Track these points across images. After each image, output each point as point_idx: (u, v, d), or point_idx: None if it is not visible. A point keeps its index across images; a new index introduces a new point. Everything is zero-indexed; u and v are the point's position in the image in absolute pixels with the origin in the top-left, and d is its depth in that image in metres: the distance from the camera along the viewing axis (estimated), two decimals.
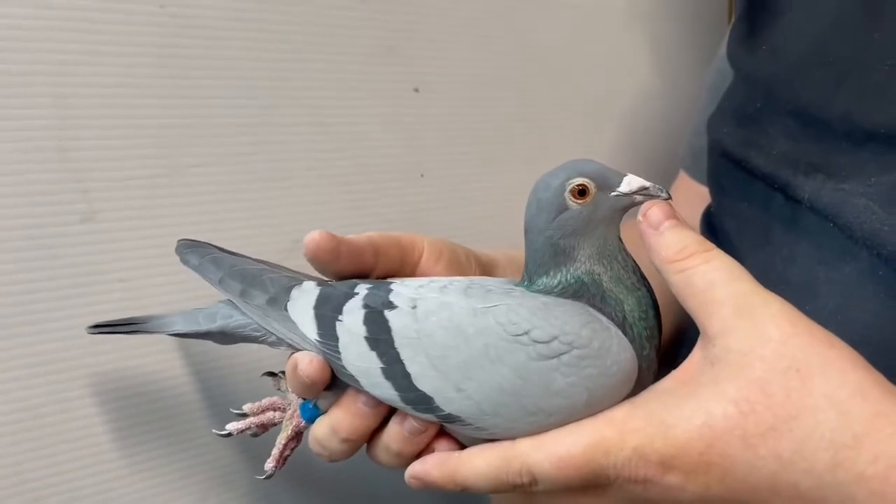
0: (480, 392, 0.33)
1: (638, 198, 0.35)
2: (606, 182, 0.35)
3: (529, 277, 0.36)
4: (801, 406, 0.30)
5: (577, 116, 0.66)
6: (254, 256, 0.41)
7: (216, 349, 0.44)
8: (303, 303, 0.37)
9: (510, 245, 0.61)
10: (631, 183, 0.34)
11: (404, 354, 0.35)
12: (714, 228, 0.50)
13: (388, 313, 0.35)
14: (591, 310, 0.35)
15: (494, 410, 0.34)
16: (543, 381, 0.33)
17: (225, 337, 0.40)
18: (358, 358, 0.35)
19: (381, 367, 0.35)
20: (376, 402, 0.36)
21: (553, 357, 0.33)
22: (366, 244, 0.38)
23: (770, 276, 0.41)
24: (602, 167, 0.35)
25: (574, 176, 0.35)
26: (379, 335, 0.35)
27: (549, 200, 0.35)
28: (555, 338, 0.33)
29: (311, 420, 0.39)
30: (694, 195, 0.58)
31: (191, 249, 0.40)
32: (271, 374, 0.42)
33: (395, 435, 0.36)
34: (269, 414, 0.40)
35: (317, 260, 0.37)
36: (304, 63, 0.51)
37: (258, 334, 0.38)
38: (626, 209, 0.35)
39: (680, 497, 0.32)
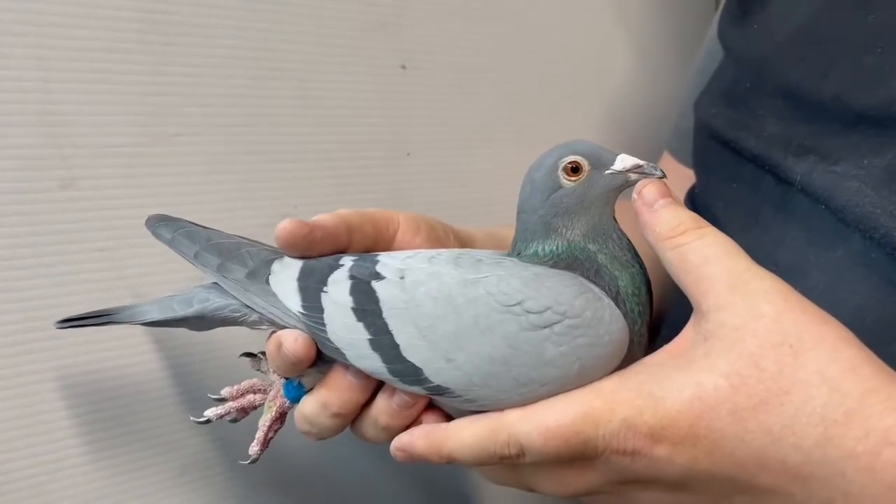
0: (470, 363, 0.33)
1: (632, 176, 0.35)
2: (600, 160, 0.35)
3: (518, 252, 0.36)
4: (793, 381, 0.30)
5: (564, 97, 0.66)
6: (233, 231, 0.40)
7: (186, 336, 0.43)
8: (285, 276, 0.37)
9: (496, 223, 0.61)
10: (625, 161, 0.35)
11: (392, 325, 0.34)
12: (699, 210, 0.49)
13: (375, 284, 0.35)
14: (583, 280, 0.35)
15: (484, 381, 0.33)
16: (535, 351, 0.33)
17: (202, 322, 0.38)
18: (344, 329, 0.35)
19: (369, 339, 0.34)
20: (366, 374, 0.36)
21: (545, 327, 0.33)
22: (338, 224, 0.38)
23: (758, 258, 0.41)
24: (595, 146, 0.35)
25: (567, 154, 0.35)
26: (366, 306, 0.35)
27: (542, 179, 0.35)
28: (548, 308, 0.33)
29: (295, 399, 0.38)
30: (678, 177, 0.58)
31: (163, 223, 0.39)
32: (249, 354, 0.41)
33: (383, 409, 0.36)
34: (250, 397, 0.39)
35: (291, 248, 0.37)
36: (293, 35, 0.50)
37: (238, 315, 0.37)
38: (620, 188, 0.35)
39: (666, 470, 0.32)
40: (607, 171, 0.35)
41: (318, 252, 0.37)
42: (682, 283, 0.33)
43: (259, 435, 0.38)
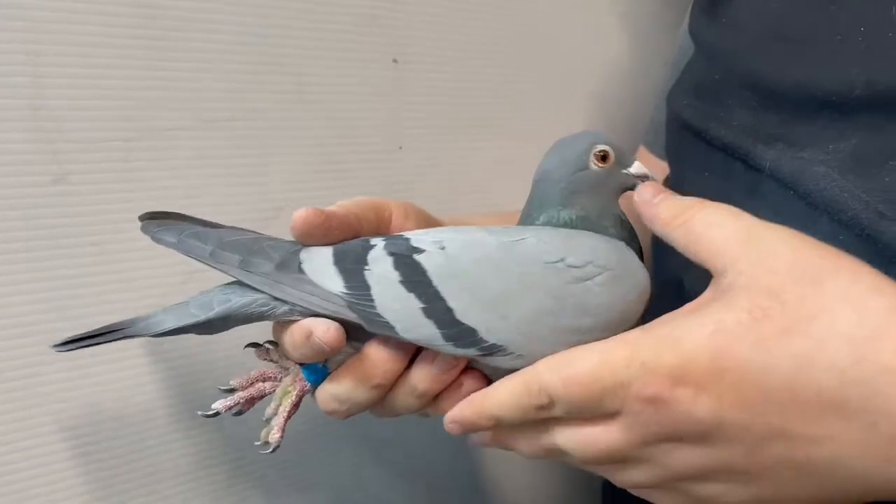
0: (521, 319, 0.34)
1: (639, 182, 0.38)
2: (623, 158, 0.39)
3: (532, 219, 0.39)
4: (817, 307, 0.29)
5: (556, 91, 0.67)
6: (228, 224, 0.40)
7: (181, 339, 0.43)
8: (318, 262, 0.37)
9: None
10: (639, 168, 0.39)
11: (444, 291, 0.35)
12: None
13: (417, 257, 0.36)
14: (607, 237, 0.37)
15: (535, 335, 0.35)
16: (580, 302, 0.35)
17: (225, 322, 0.37)
18: (395, 301, 0.35)
19: (422, 307, 0.35)
20: (403, 345, 0.36)
21: (588, 279, 0.35)
22: (349, 212, 0.39)
23: None
24: (622, 145, 0.39)
25: (601, 143, 0.39)
26: (414, 277, 0.35)
27: (573, 156, 0.39)
28: (589, 262, 0.35)
29: (317, 382, 0.38)
30: (654, 170, 0.59)
31: (162, 227, 0.38)
32: (255, 344, 0.41)
33: (424, 374, 0.36)
34: (259, 385, 0.39)
35: (308, 236, 0.37)
36: (285, 29, 0.50)
37: (265, 309, 0.37)
38: (628, 189, 0.39)
39: (693, 416, 0.30)
40: (624, 171, 0.39)
41: (332, 239, 0.38)
42: (694, 254, 0.33)
43: (279, 421, 0.38)
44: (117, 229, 0.45)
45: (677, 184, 0.50)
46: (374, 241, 0.38)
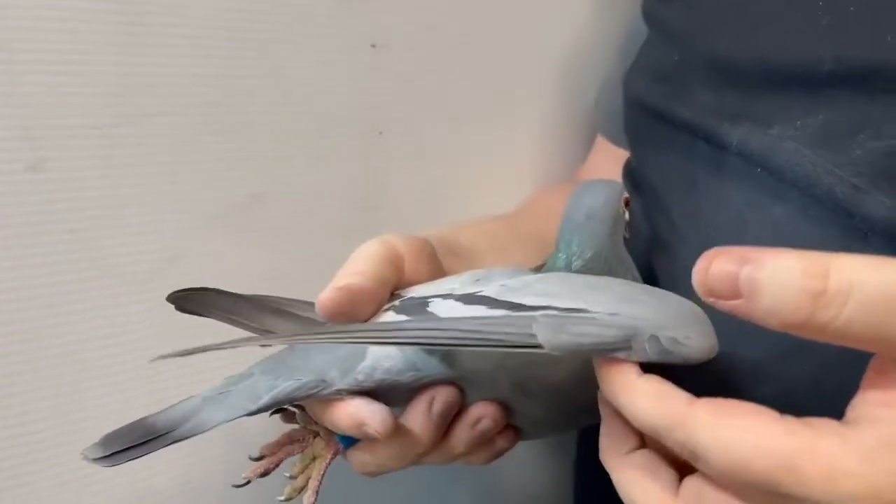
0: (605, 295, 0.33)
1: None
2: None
3: (562, 251, 0.40)
4: None
5: (533, 80, 0.67)
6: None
7: None
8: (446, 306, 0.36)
9: (468, 202, 0.62)
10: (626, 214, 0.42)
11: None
12: (637, 182, 0.50)
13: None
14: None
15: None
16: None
17: (270, 407, 0.35)
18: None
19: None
20: (445, 413, 0.35)
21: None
22: (375, 284, 0.36)
23: (699, 221, 0.42)
24: None
25: (624, 191, 0.42)
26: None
27: (614, 201, 0.41)
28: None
29: (350, 444, 0.37)
30: (612, 159, 0.59)
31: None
32: (280, 411, 0.39)
33: (463, 438, 0.36)
34: (288, 448, 0.38)
35: (338, 317, 0.35)
36: (262, 14, 0.50)
37: (314, 391, 0.34)
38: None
39: None
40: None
41: (362, 317, 0.36)
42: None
43: (314, 484, 0.37)
44: (95, 216, 0.45)
45: (640, 167, 0.50)
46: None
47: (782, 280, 0.25)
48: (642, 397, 0.29)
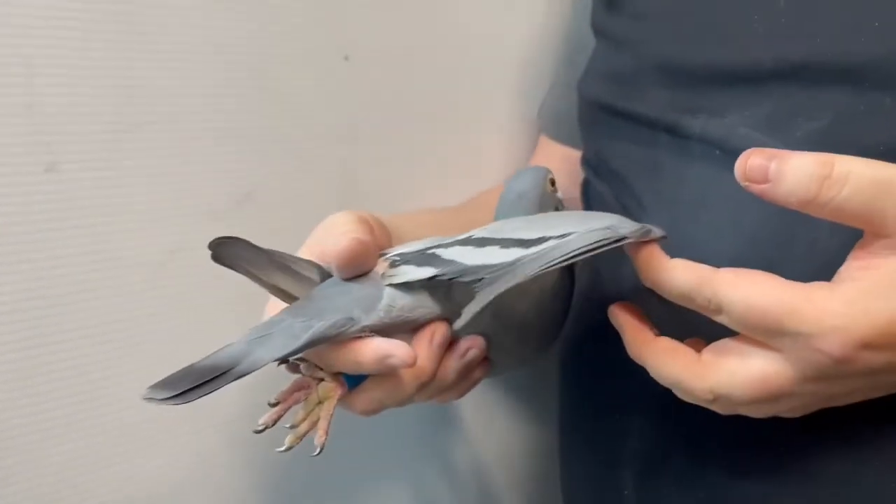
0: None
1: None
2: (555, 185, 0.52)
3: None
4: None
5: (492, 86, 0.72)
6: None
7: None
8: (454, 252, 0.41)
9: (435, 196, 0.66)
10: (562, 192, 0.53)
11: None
12: (599, 170, 0.54)
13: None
14: None
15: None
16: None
17: (305, 347, 0.37)
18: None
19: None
20: (443, 341, 0.41)
21: None
22: (372, 239, 0.41)
23: (662, 198, 0.47)
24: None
25: (551, 174, 0.51)
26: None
27: (541, 181, 0.50)
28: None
29: (355, 384, 0.41)
30: (558, 157, 0.64)
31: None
32: (283, 361, 0.41)
33: (454, 365, 0.42)
34: (296, 394, 0.40)
35: (354, 268, 0.40)
36: (251, 33, 0.55)
37: (343, 329, 0.38)
38: (556, 206, 0.52)
39: (871, 366, 0.34)
40: (557, 193, 0.52)
41: (368, 268, 0.41)
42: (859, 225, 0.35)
43: (324, 424, 0.40)
44: (106, 213, 0.50)
45: (601, 156, 0.54)
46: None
47: (799, 169, 0.33)
48: (677, 268, 0.37)
